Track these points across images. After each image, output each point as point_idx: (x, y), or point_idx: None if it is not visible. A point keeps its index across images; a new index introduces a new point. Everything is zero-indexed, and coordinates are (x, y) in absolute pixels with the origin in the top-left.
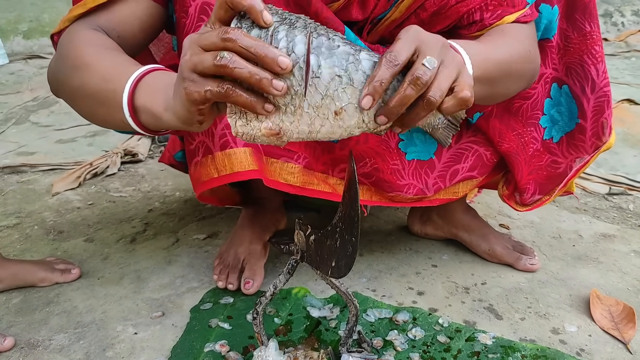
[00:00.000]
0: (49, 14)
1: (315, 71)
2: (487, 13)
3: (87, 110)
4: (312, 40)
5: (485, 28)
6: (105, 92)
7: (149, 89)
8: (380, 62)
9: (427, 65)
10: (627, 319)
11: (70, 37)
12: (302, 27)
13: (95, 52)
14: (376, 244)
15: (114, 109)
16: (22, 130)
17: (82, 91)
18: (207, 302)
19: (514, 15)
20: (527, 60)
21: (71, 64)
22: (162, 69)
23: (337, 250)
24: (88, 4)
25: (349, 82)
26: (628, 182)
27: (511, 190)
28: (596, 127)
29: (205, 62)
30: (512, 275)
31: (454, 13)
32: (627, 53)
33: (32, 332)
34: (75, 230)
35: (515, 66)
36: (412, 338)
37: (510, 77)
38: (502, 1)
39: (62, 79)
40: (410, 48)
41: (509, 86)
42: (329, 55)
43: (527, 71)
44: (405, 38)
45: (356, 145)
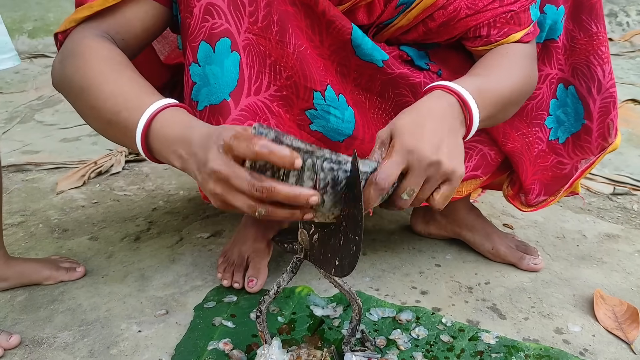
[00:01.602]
0: (54, 13)
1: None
2: (494, 30)
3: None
4: (320, 182)
5: (490, 44)
6: (117, 124)
7: (162, 135)
8: (370, 183)
9: (405, 197)
10: (631, 319)
11: (77, 47)
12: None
13: (102, 70)
14: (380, 243)
15: (127, 140)
16: (27, 128)
17: (92, 114)
18: (211, 300)
19: (519, 34)
20: (526, 86)
21: (79, 85)
22: (174, 105)
23: (340, 249)
24: (94, 7)
25: None
26: (632, 182)
27: (516, 190)
28: (602, 128)
29: (243, 206)
30: (516, 275)
31: (463, 25)
32: (632, 53)
33: (36, 330)
34: (79, 229)
35: (516, 96)
36: (415, 337)
37: (510, 107)
38: (509, 19)
39: (69, 97)
40: (399, 168)
41: (508, 114)
42: (333, 191)
43: (526, 95)
44: (395, 155)
45: (361, 144)
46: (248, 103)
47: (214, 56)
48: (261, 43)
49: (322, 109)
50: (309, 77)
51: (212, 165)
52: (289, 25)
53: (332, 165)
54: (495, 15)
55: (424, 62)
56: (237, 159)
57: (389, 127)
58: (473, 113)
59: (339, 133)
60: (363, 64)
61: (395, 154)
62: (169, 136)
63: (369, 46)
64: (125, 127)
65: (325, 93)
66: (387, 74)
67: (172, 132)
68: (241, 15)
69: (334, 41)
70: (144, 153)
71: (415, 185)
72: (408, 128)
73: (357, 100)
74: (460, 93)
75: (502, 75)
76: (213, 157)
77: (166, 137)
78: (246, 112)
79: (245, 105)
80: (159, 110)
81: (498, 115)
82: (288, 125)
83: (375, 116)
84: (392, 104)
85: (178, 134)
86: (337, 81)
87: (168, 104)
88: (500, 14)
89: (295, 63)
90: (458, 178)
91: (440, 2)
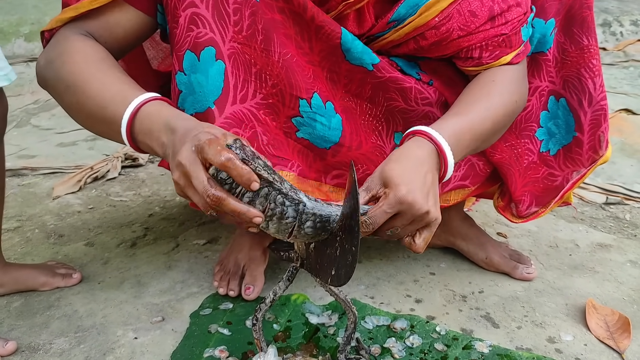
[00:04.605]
0: (51, 17)
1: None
2: (486, 52)
3: (84, 124)
4: (268, 211)
5: (481, 66)
6: (103, 118)
7: (145, 126)
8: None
9: (389, 233)
10: (623, 328)
11: (62, 45)
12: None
13: (88, 67)
14: (375, 251)
15: (114, 133)
16: (23, 133)
17: (78, 110)
18: (207, 307)
19: (510, 55)
20: (513, 111)
21: (65, 82)
22: (156, 99)
23: (337, 259)
24: (80, 9)
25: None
26: (625, 192)
27: (506, 201)
28: (593, 141)
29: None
30: (509, 284)
31: (455, 46)
32: (626, 63)
33: (32, 336)
34: (75, 234)
35: (501, 125)
36: (409, 345)
37: (495, 136)
38: (501, 43)
39: (55, 94)
40: (388, 216)
41: (490, 143)
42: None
43: (511, 119)
44: (387, 205)
45: (348, 151)
46: (233, 111)
47: (199, 65)
48: (246, 52)
49: (308, 117)
50: (295, 84)
51: (180, 158)
52: (275, 34)
53: (285, 201)
54: (487, 37)
55: (415, 71)
56: (204, 161)
57: (380, 175)
58: (448, 162)
59: (325, 140)
60: (353, 68)
61: (387, 203)
62: (154, 126)
63: (359, 49)
64: (112, 121)
65: (312, 100)
66: (378, 78)
67: (158, 121)
68: (226, 24)
69: (324, 46)
70: (129, 143)
71: (401, 226)
72: (401, 179)
73: (347, 106)
74: (438, 142)
75: (485, 110)
76: (184, 152)
77: (151, 128)
78: (231, 120)
79: (230, 113)
80: (144, 102)
81: (480, 147)
82: (275, 132)
83: (365, 122)
84: (382, 109)
85: (163, 123)
86: (326, 88)
87: (152, 97)
88: (492, 36)
89: (280, 71)
90: (436, 224)
91: (433, 22)
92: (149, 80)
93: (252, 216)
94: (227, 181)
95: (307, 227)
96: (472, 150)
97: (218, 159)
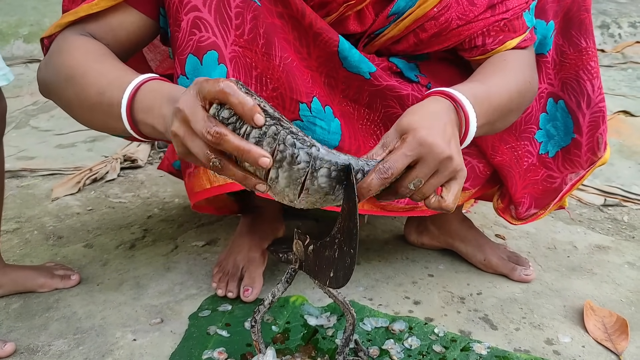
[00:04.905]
0: (50, 18)
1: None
2: (489, 38)
3: (84, 118)
4: (277, 153)
5: (487, 53)
6: (101, 105)
7: (145, 104)
8: (373, 170)
9: (412, 187)
10: (620, 330)
11: (61, 45)
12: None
13: (87, 60)
14: (373, 252)
15: (113, 119)
16: (22, 134)
17: (78, 102)
18: (206, 309)
19: (516, 40)
20: (527, 92)
21: (64, 75)
22: (156, 78)
23: (335, 261)
24: (80, 13)
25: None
26: (623, 194)
27: (506, 203)
28: (591, 142)
29: (199, 153)
30: (507, 285)
31: (455, 36)
32: (624, 64)
33: (31, 338)
34: (74, 236)
35: (516, 102)
36: (408, 347)
37: (510, 114)
38: (503, 27)
39: (55, 89)
40: (408, 160)
41: (508, 121)
42: (289, 169)
43: (527, 102)
44: (406, 147)
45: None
46: None
47: (202, 69)
48: (247, 55)
49: (308, 120)
50: (295, 88)
51: (178, 104)
52: (275, 38)
53: (296, 142)
54: (488, 24)
55: (414, 74)
56: (204, 101)
57: (396, 127)
58: (470, 119)
59: (325, 144)
60: (350, 75)
61: (405, 146)
62: (155, 102)
63: (356, 58)
64: (110, 106)
65: (311, 104)
66: (375, 86)
67: (159, 96)
68: (228, 28)
69: (322, 53)
70: (129, 125)
71: (424, 177)
72: (420, 123)
73: (344, 111)
74: (458, 98)
75: (501, 82)
76: (183, 97)
77: (152, 105)
78: None
79: None
80: (142, 82)
81: (497, 122)
82: None
83: (363, 127)
84: (380, 115)
85: (165, 96)
86: (324, 93)
87: (151, 77)
88: (493, 23)
89: (281, 75)
90: (463, 177)
91: (432, 13)
92: None
93: (258, 155)
94: (229, 121)
95: (322, 177)
96: (489, 122)
97: (215, 87)
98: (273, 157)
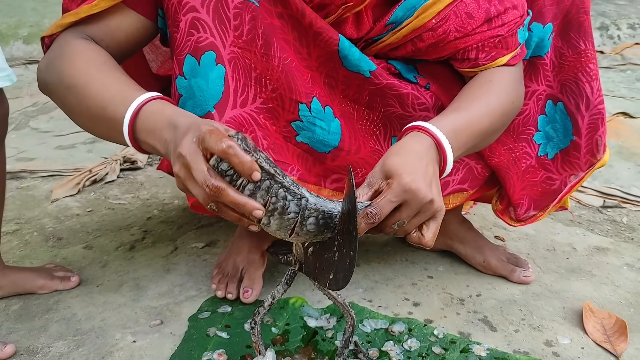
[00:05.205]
0: (50, 19)
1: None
2: (482, 53)
3: (85, 125)
4: (270, 205)
5: (477, 67)
6: (103, 118)
7: (147, 124)
8: (361, 215)
9: (395, 227)
10: (619, 332)
11: (63, 49)
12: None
13: (88, 68)
14: (373, 254)
15: (114, 133)
16: (22, 135)
17: (79, 110)
18: (205, 310)
19: (506, 57)
20: (511, 111)
21: (66, 84)
22: (158, 98)
23: (335, 263)
24: (80, 14)
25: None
26: (622, 195)
27: (505, 205)
28: (590, 144)
29: (198, 196)
30: (507, 287)
31: (451, 47)
32: (623, 66)
33: (31, 339)
34: (74, 237)
35: (499, 124)
36: (407, 349)
37: (493, 135)
38: (497, 44)
39: (56, 94)
40: (393, 206)
41: (490, 141)
42: (280, 218)
43: (508, 120)
44: (392, 194)
45: (347, 155)
46: (233, 115)
47: (199, 69)
48: (246, 56)
49: (308, 121)
50: (294, 89)
51: (180, 149)
52: (274, 39)
53: (287, 195)
54: (484, 39)
55: (412, 75)
56: (205, 151)
57: (381, 168)
58: (447, 156)
59: (325, 144)
60: (350, 74)
61: (391, 192)
62: (157, 125)
63: (356, 57)
64: (112, 121)
65: (311, 105)
66: (375, 84)
67: (161, 120)
68: (226, 29)
69: (322, 53)
70: (130, 143)
71: (407, 218)
72: (404, 168)
73: (344, 111)
74: (437, 136)
75: (483, 109)
76: (185, 143)
77: (153, 127)
78: (231, 124)
79: (230, 117)
80: (145, 102)
81: (478, 145)
82: (274, 137)
83: (362, 127)
84: (379, 115)
85: (167, 120)
86: (324, 93)
87: (153, 96)
88: (489, 38)
89: (280, 75)
90: (442, 215)
91: (430, 24)
92: (149, 84)
93: (252, 209)
94: (227, 173)
95: (310, 224)
96: (469, 149)
97: (219, 146)
98: (266, 208)
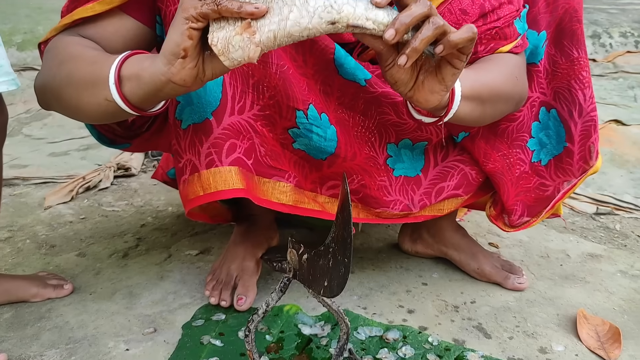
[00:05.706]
0: (44, 26)
1: None
2: (481, 46)
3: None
4: None
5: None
6: (92, 73)
7: (136, 60)
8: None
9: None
10: (613, 338)
11: (56, 43)
12: None
13: (82, 47)
14: (367, 261)
15: (99, 88)
16: (15, 142)
17: (69, 80)
18: (199, 318)
19: (507, 47)
20: (514, 84)
21: (58, 61)
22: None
23: (329, 270)
24: (75, 16)
25: None
26: (615, 202)
27: (499, 211)
28: (583, 151)
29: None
30: (501, 294)
31: None
32: (615, 74)
33: (23, 348)
34: (67, 245)
35: (503, 88)
36: (402, 356)
37: (498, 98)
38: (494, 35)
39: (49, 78)
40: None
41: (497, 107)
42: None
43: (515, 94)
44: None
45: (344, 162)
46: (231, 122)
47: None
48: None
49: (305, 128)
50: (292, 96)
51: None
52: None
53: None
54: (480, 33)
55: None
56: None
57: None
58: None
59: (321, 151)
60: (346, 82)
61: None
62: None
63: (352, 65)
64: (102, 70)
65: (308, 112)
66: (370, 93)
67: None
68: None
69: (317, 60)
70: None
71: None
72: None
73: (340, 118)
74: None
75: (486, 68)
76: None
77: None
78: (229, 131)
79: (228, 124)
80: (134, 53)
81: (486, 104)
82: (272, 144)
83: (358, 134)
84: (375, 122)
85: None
86: (320, 100)
87: (139, 51)
88: (485, 31)
89: (277, 82)
90: None
91: None
92: None
93: None
94: None
95: None
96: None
97: None
98: None
